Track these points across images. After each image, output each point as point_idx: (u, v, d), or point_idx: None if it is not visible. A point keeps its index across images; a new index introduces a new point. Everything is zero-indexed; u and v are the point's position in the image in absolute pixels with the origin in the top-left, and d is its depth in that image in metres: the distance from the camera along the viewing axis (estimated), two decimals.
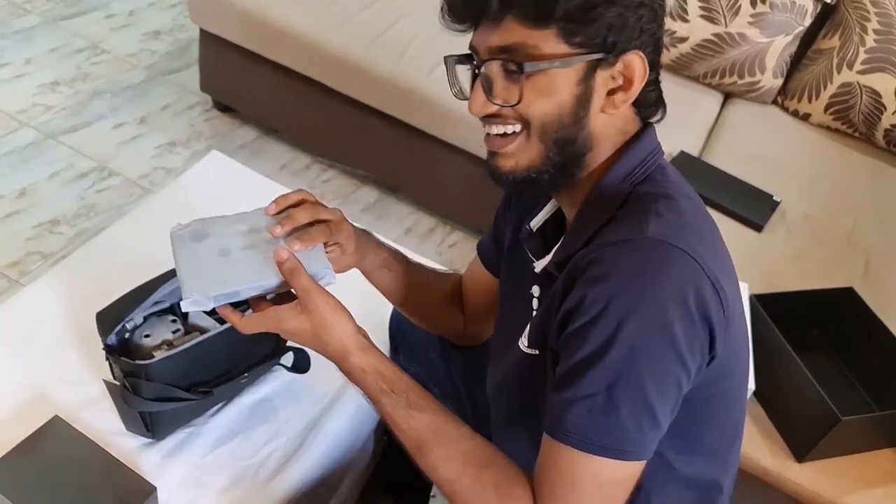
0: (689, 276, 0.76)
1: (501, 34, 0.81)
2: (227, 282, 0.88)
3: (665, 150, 0.80)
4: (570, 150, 0.85)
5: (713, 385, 0.84)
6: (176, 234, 0.94)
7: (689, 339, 0.76)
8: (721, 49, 2.21)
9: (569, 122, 0.83)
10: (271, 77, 2.33)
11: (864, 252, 1.87)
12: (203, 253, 0.90)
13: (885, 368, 1.45)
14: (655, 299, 0.75)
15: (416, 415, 0.87)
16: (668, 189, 0.85)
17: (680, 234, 0.78)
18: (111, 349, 1.10)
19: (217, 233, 0.92)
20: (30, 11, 2.87)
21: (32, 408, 1.16)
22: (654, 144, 0.88)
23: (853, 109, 2.18)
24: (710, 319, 0.77)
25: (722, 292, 0.78)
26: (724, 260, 0.84)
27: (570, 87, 0.81)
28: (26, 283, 1.95)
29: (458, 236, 2.39)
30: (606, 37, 0.79)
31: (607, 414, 0.76)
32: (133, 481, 1.07)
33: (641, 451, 0.79)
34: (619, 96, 0.83)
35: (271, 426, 1.22)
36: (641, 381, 0.76)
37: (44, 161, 2.32)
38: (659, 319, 0.75)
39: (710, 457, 0.94)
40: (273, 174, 2.36)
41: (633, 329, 0.74)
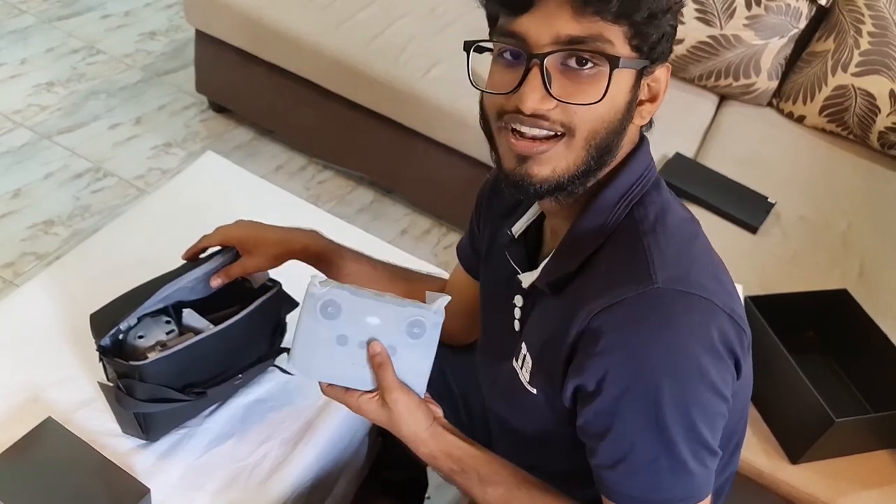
0: (710, 319, 0.76)
1: (578, 23, 0.73)
2: (331, 373, 0.90)
3: (661, 152, 0.80)
4: (609, 157, 0.81)
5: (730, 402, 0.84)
6: (313, 293, 0.87)
7: (722, 376, 0.77)
8: (716, 51, 2.21)
9: (616, 128, 0.79)
10: (267, 78, 2.33)
11: (859, 254, 1.88)
12: (324, 332, 0.88)
13: (879, 370, 1.46)
14: (686, 351, 0.74)
15: (490, 489, 0.89)
16: (661, 210, 0.84)
17: (688, 274, 0.77)
18: (105, 350, 1.10)
19: (346, 316, 0.87)
20: (25, 12, 2.86)
21: (26, 409, 1.16)
22: (648, 159, 0.87)
23: (848, 112, 2.18)
24: (735, 352, 0.78)
25: (740, 320, 0.79)
26: (722, 276, 0.84)
27: (626, 91, 0.78)
28: (21, 283, 1.95)
29: (453, 237, 2.38)
30: (657, 45, 0.78)
31: (674, 472, 0.77)
32: (127, 483, 1.06)
33: (710, 485, 0.80)
34: (647, 107, 0.82)
35: (266, 427, 1.22)
36: (696, 430, 0.76)
37: (39, 161, 2.31)
38: (695, 369, 0.74)
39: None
40: (269, 175, 2.36)
41: (673, 386, 0.74)
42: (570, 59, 0.75)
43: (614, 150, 0.81)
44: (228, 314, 1.14)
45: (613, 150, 0.81)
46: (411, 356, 0.88)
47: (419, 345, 0.88)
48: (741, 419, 0.95)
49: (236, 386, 1.21)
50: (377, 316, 0.87)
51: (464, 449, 0.90)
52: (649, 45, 0.77)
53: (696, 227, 0.87)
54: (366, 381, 0.89)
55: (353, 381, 0.89)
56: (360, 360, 0.88)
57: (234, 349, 1.17)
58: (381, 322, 0.87)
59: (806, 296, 1.55)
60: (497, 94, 0.79)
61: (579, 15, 0.73)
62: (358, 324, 0.87)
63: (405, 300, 0.86)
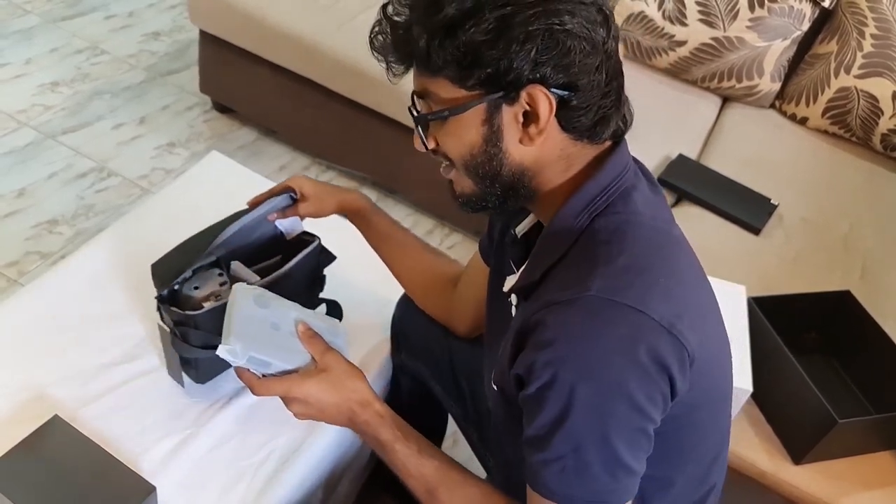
0: (638, 332, 0.76)
1: (415, 81, 0.85)
2: (267, 350, 0.97)
3: (664, 154, 0.79)
4: (502, 180, 0.85)
5: (683, 417, 0.83)
6: (242, 288, 1.02)
7: (647, 392, 0.76)
8: (719, 53, 2.22)
9: (483, 159, 0.84)
10: (270, 78, 2.34)
11: (861, 256, 1.88)
12: (258, 318, 0.99)
13: (881, 371, 1.46)
14: (605, 361, 0.75)
15: (426, 461, 0.93)
16: (624, 221, 0.83)
17: (628, 286, 0.78)
18: (163, 299, 1.16)
19: (275, 308, 1.02)
20: (29, 12, 2.87)
21: (32, 407, 1.16)
22: (618, 170, 0.86)
23: (850, 114, 2.19)
24: (668, 368, 0.77)
25: (680, 335, 0.77)
26: (687, 292, 0.83)
27: (475, 127, 0.82)
28: (25, 282, 1.95)
29: (456, 238, 2.39)
30: (496, 77, 0.78)
31: (580, 473, 0.78)
32: (132, 481, 1.07)
33: (623, 496, 0.80)
34: (532, 129, 0.81)
35: (270, 426, 1.23)
36: (607, 440, 0.77)
37: (43, 161, 2.32)
38: (613, 380, 0.75)
39: (688, 481, 0.94)
40: (272, 175, 2.36)
41: (588, 392, 0.75)
42: (412, 111, 0.87)
43: (507, 172, 0.84)
44: (271, 266, 1.23)
45: (504, 173, 0.84)
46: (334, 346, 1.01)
47: (335, 345, 1.01)
48: (712, 435, 0.94)
49: None
50: (297, 311, 1.03)
51: (404, 421, 0.96)
52: (482, 80, 0.79)
53: (664, 238, 0.85)
54: (300, 359, 0.98)
55: (288, 359, 0.97)
56: (292, 343, 0.99)
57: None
58: (302, 316, 1.01)
59: (809, 297, 1.56)
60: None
61: (414, 75, 0.84)
62: (287, 317, 1.01)
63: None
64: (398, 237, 1.26)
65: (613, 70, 0.83)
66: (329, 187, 1.27)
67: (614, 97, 0.84)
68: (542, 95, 0.79)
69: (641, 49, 2.31)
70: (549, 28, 0.76)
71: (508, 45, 0.76)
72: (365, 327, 1.41)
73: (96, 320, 1.31)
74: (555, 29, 0.76)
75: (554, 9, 0.76)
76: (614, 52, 0.82)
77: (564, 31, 0.77)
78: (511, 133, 0.82)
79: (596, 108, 0.82)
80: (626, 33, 2.30)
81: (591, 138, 0.84)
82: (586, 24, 0.78)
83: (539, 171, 0.85)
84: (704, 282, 0.90)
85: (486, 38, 0.76)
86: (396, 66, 0.84)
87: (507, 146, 0.83)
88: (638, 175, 0.89)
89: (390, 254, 1.26)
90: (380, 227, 1.25)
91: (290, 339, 0.99)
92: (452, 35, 0.77)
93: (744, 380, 1.33)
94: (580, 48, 0.78)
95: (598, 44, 0.79)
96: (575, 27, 0.77)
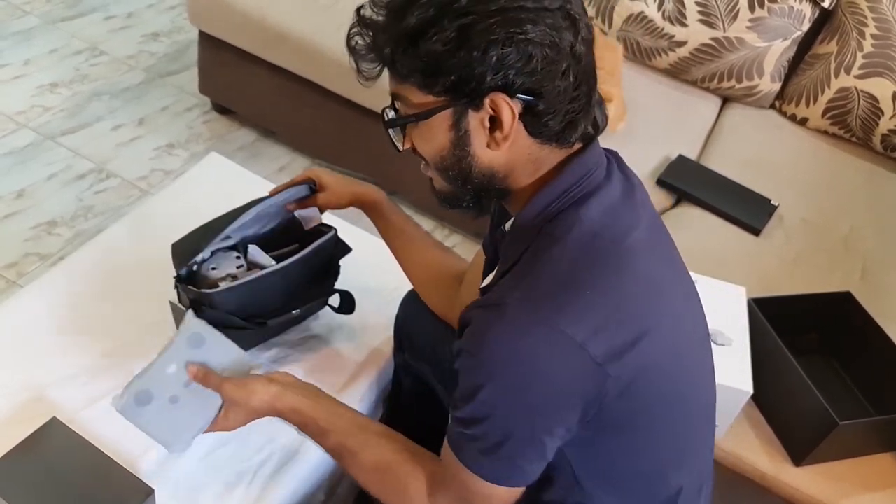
0: (546, 345, 0.79)
1: (389, 84, 0.87)
2: (197, 421, 1.04)
3: (663, 154, 0.79)
4: (473, 182, 0.88)
5: (620, 422, 0.86)
6: (120, 405, 1.03)
7: (548, 403, 0.82)
8: (719, 53, 2.22)
9: (452, 162, 0.87)
10: (270, 79, 2.33)
11: (861, 257, 1.88)
12: (157, 411, 1.03)
13: (882, 373, 1.46)
14: (513, 369, 0.80)
15: (331, 437, 1.01)
16: (567, 230, 0.84)
17: (548, 298, 0.80)
18: (180, 279, 1.20)
19: (156, 388, 1.04)
20: (29, 13, 2.87)
21: (30, 409, 1.16)
22: (578, 174, 0.86)
23: (851, 114, 2.18)
24: (573, 382, 0.81)
25: (592, 351, 0.79)
26: (623, 304, 0.83)
27: (444, 132, 0.85)
28: (24, 284, 1.95)
29: (456, 238, 2.39)
30: (459, 85, 0.80)
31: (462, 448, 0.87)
32: (131, 483, 1.07)
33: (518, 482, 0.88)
34: (498, 135, 0.83)
35: (269, 429, 1.21)
36: (508, 439, 0.83)
37: (42, 162, 2.31)
38: (517, 387, 0.81)
39: (643, 482, 0.95)
40: (271, 176, 2.35)
41: (490, 394, 0.82)
42: (387, 113, 0.90)
43: (477, 174, 0.86)
44: (288, 253, 1.26)
45: (474, 174, 0.86)
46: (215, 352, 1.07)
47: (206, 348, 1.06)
48: (666, 439, 0.93)
49: (293, 319, 1.33)
50: (171, 363, 1.05)
51: (305, 403, 1.02)
52: (447, 87, 0.80)
53: (607, 248, 0.85)
54: (213, 400, 1.04)
55: (209, 409, 1.04)
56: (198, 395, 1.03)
57: (293, 286, 1.28)
58: (177, 366, 1.04)
59: (809, 298, 1.55)
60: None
61: (389, 76, 0.86)
62: (169, 382, 1.04)
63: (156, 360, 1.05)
64: (410, 232, 1.28)
65: (583, 73, 0.83)
66: (346, 179, 1.30)
67: (584, 101, 0.84)
68: (504, 103, 0.80)
69: (641, 49, 2.31)
70: (509, 37, 0.77)
71: (469, 55, 0.77)
72: (368, 327, 1.42)
73: (96, 321, 1.31)
74: (516, 38, 0.77)
75: (515, 17, 0.77)
76: (584, 55, 0.83)
77: (526, 39, 0.77)
78: (478, 137, 0.84)
79: (563, 112, 0.83)
80: (625, 34, 2.29)
81: (559, 142, 0.86)
82: (550, 31, 0.78)
83: (509, 173, 0.87)
84: (661, 293, 0.88)
85: (447, 48, 0.78)
86: (368, 70, 0.86)
87: (475, 150, 0.85)
88: (610, 178, 0.89)
89: (401, 247, 1.28)
90: (393, 220, 1.27)
91: (191, 393, 1.04)
92: (415, 44, 0.79)
93: (744, 381, 1.32)
94: (543, 55, 0.78)
95: (563, 49, 0.80)
96: (537, 35, 0.78)
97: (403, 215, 1.30)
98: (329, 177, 1.29)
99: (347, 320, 1.40)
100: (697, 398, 0.97)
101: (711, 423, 1.04)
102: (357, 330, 1.41)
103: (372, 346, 1.39)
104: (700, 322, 1.00)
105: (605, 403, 0.82)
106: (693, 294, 0.99)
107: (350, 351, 1.38)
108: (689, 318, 0.96)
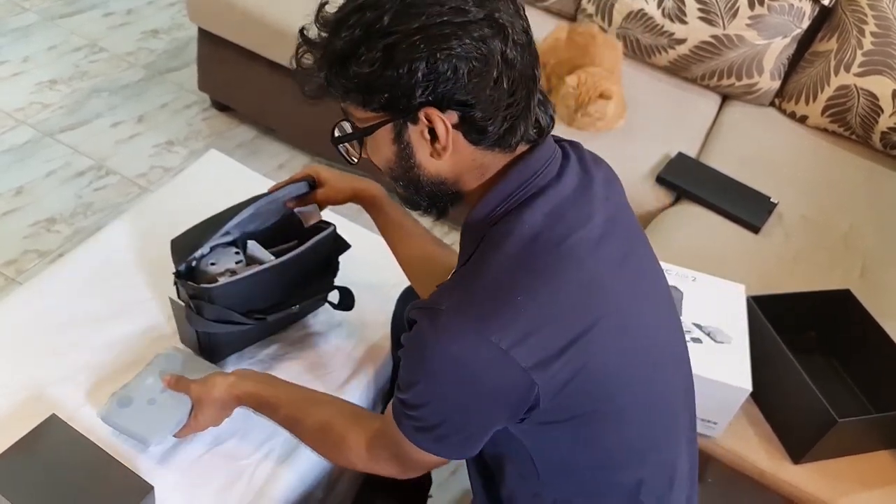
0: (472, 351, 0.81)
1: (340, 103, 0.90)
2: (171, 419, 1.14)
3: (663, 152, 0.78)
4: (424, 189, 0.91)
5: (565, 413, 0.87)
6: (104, 412, 1.14)
7: (479, 404, 0.86)
8: (719, 51, 2.21)
9: (400, 172, 0.90)
10: (269, 76, 2.33)
11: (861, 254, 1.88)
12: (136, 412, 1.14)
13: (881, 370, 1.46)
14: (440, 371, 0.84)
15: (281, 411, 1.08)
16: (505, 235, 0.86)
17: (476, 305, 0.83)
18: (179, 274, 1.20)
19: (135, 394, 1.16)
20: (28, 9, 2.87)
21: (29, 406, 1.16)
22: (523, 177, 0.88)
23: (850, 112, 2.18)
24: (499, 387, 0.83)
25: (518, 356, 0.80)
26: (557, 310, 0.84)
27: (388, 145, 0.88)
28: (23, 281, 1.95)
29: (455, 237, 2.39)
30: (392, 102, 0.82)
31: (417, 429, 0.90)
32: (130, 480, 1.07)
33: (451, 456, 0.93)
34: (437, 146, 0.85)
35: (268, 426, 1.22)
36: (437, 423, 0.88)
37: (41, 159, 2.31)
38: (446, 389, 0.85)
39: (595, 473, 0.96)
40: (271, 173, 2.35)
41: (425, 390, 0.86)
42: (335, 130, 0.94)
43: (426, 182, 0.89)
44: (287, 249, 1.27)
45: (423, 182, 0.89)
46: (190, 368, 1.20)
47: (181, 365, 1.21)
48: (616, 439, 0.94)
49: (292, 315, 1.33)
50: (150, 376, 1.18)
51: (259, 387, 1.11)
52: (382, 104, 0.83)
53: (545, 252, 0.85)
54: (185, 401, 1.14)
55: (183, 409, 1.14)
56: (172, 398, 1.14)
57: (293, 281, 1.29)
58: (153, 377, 1.17)
59: (808, 296, 1.55)
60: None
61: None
62: (147, 388, 1.16)
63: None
64: (409, 227, 1.28)
65: (519, 76, 0.83)
66: (345, 175, 1.30)
67: (522, 104, 0.85)
68: (437, 117, 0.82)
69: (641, 47, 2.31)
70: (433, 53, 0.78)
71: (396, 73, 0.79)
72: (367, 323, 1.41)
73: (94, 319, 1.31)
74: (440, 53, 0.78)
75: (438, 33, 0.78)
76: (518, 59, 0.83)
77: (450, 54, 0.78)
78: (421, 149, 0.86)
79: (501, 119, 0.84)
80: (625, 31, 2.29)
81: (500, 147, 0.87)
82: (476, 43, 0.79)
83: (457, 179, 0.90)
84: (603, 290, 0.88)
85: (373, 69, 0.80)
86: (311, 90, 0.89)
87: (420, 160, 0.88)
88: (561, 176, 0.90)
89: (399, 242, 1.28)
90: (392, 216, 1.27)
91: (167, 397, 1.15)
92: (345, 66, 0.82)
93: (743, 379, 1.32)
94: (469, 68, 0.79)
95: (492, 58, 0.80)
96: (462, 49, 0.78)
97: (402, 211, 1.29)
98: (328, 173, 1.29)
99: (347, 317, 1.40)
100: (659, 390, 0.97)
101: (685, 414, 1.03)
102: (356, 326, 1.41)
103: (371, 342, 1.39)
104: (664, 313, 1.00)
105: (539, 403, 0.84)
106: (658, 286, 1.00)
107: (349, 347, 1.38)
108: (648, 310, 0.95)
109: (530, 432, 0.90)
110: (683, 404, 1.03)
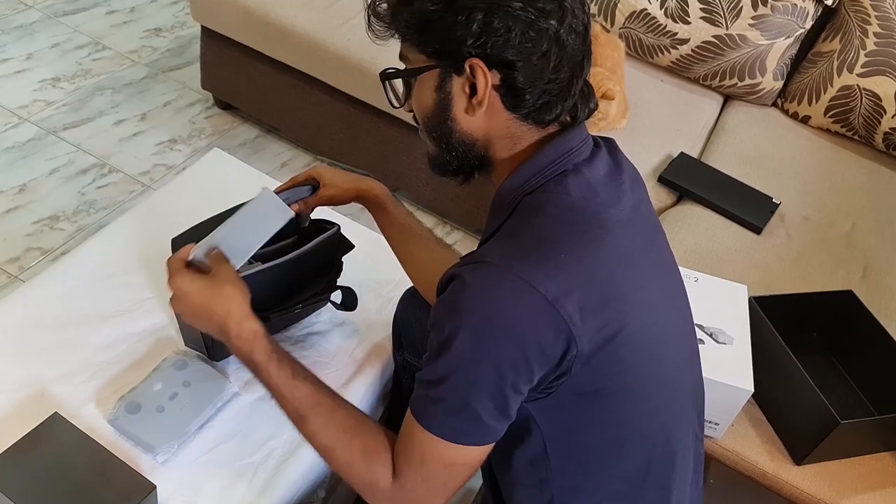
0: (519, 301, 0.81)
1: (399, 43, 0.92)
2: (179, 429, 1.16)
3: (665, 152, 0.79)
4: (454, 147, 0.93)
5: (589, 384, 0.87)
6: (113, 415, 1.16)
7: (516, 353, 0.82)
8: (721, 51, 2.21)
9: (434, 123, 0.92)
10: (272, 75, 2.33)
11: (863, 255, 1.87)
12: (145, 418, 1.16)
13: (884, 372, 1.46)
14: (484, 321, 0.82)
15: (300, 384, 0.96)
16: (546, 200, 0.88)
17: (523, 257, 0.83)
18: None
19: (144, 400, 1.18)
20: (31, 7, 2.87)
21: (31, 404, 1.16)
22: (557, 153, 0.90)
23: (853, 112, 2.18)
24: (542, 339, 0.82)
25: (563, 310, 0.81)
26: (597, 272, 0.85)
27: (430, 92, 0.90)
28: (26, 278, 1.95)
29: (457, 236, 2.39)
30: (445, 47, 0.85)
31: (445, 411, 0.86)
32: (132, 479, 1.07)
33: (479, 441, 0.88)
34: (475, 100, 0.87)
35: (271, 425, 1.22)
36: (469, 392, 0.84)
37: (44, 157, 2.32)
38: (484, 334, 0.82)
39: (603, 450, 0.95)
40: (273, 172, 2.36)
41: (460, 343, 0.83)
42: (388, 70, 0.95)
43: (458, 139, 0.91)
44: (286, 246, 1.26)
45: (454, 139, 0.92)
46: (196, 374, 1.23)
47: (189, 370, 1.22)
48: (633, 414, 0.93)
49: (295, 315, 1.34)
50: (158, 382, 1.20)
51: (276, 342, 0.99)
52: (436, 48, 0.86)
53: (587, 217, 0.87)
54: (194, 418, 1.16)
55: (200, 415, 1.17)
56: (184, 400, 1.18)
57: (295, 281, 1.28)
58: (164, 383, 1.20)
59: (811, 297, 1.55)
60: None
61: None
62: (155, 394, 1.19)
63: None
64: (412, 228, 1.28)
65: (569, 61, 0.86)
66: (348, 175, 1.31)
67: (563, 84, 0.87)
68: (480, 70, 0.85)
69: (643, 47, 2.30)
70: (492, 8, 0.81)
71: (454, 17, 0.83)
72: (370, 323, 1.42)
73: (97, 317, 1.31)
74: (500, 10, 0.82)
75: None
76: (571, 45, 0.86)
77: (507, 13, 0.82)
78: (459, 102, 0.89)
79: (539, 91, 0.86)
80: (628, 31, 2.29)
81: (535, 121, 0.90)
82: (534, 11, 0.82)
83: (488, 144, 0.92)
84: (635, 267, 0.90)
85: (436, 7, 0.83)
86: (379, 28, 0.91)
87: (455, 114, 0.90)
88: (593, 159, 0.92)
89: (402, 243, 1.28)
90: (395, 216, 1.28)
91: (181, 399, 1.19)
92: (408, 3, 0.86)
93: (745, 380, 1.32)
94: (521, 32, 0.83)
95: (546, 31, 0.83)
96: (521, 12, 0.82)
97: (405, 211, 1.30)
98: (331, 173, 1.29)
99: (349, 317, 1.40)
100: (675, 379, 0.97)
101: (693, 409, 1.04)
102: (359, 326, 1.41)
103: (374, 342, 1.40)
104: (681, 307, 1.01)
105: (572, 367, 0.84)
106: (675, 280, 1.01)
107: (352, 347, 1.38)
108: (667, 301, 0.97)
109: (551, 408, 0.89)
110: (693, 399, 1.03)
